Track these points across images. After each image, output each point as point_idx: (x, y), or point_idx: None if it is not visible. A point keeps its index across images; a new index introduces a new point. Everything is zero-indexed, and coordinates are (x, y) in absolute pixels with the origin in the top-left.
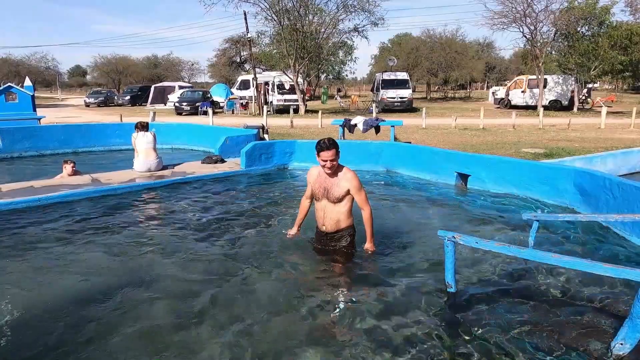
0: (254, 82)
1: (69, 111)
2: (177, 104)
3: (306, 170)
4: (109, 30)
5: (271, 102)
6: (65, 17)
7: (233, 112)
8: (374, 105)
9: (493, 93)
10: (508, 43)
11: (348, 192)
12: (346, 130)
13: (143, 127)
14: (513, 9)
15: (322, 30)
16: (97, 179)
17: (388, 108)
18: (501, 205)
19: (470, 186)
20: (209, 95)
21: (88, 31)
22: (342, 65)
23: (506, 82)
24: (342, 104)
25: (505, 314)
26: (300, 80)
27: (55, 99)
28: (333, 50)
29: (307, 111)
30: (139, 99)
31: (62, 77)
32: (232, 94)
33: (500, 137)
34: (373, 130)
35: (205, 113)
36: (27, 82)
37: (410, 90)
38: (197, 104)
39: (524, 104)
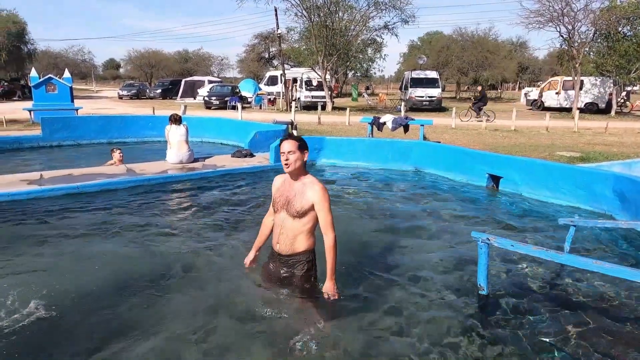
0: (282, 78)
1: (103, 103)
2: (206, 98)
3: (333, 167)
4: (143, 25)
5: (298, 98)
6: (102, 12)
7: (261, 108)
8: (402, 103)
9: (525, 94)
10: (543, 43)
11: (312, 208)
12: (375, 129)
13: (176, 120)
14: (550, 8)
15: (352, 27)
16: (131, 169)
17: (416, 107)
18: (534, 209)
19: (502, 188)
20: (237, 90)
21: (123, 26)
22: (370, 63)
23: (539, 83)
24: (369, 102)
25: (538, 321)
26: (328, 77)
27: (90, 91)
28: (362, 47)
29: (334, 108)
30: (169, 92)
31: (97, 70)
32: (260, 89)
33: (533, 140)
34: (402, 128)
35: (234, 108)
36: (66, 74)
37: (439, 90)
38: (226, 99)
39: (558, 106)
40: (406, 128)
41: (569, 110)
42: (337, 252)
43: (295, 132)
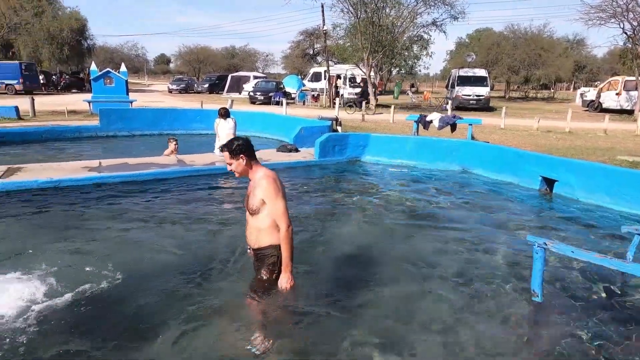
0: (326, 75)
1: (154, 96)
2: (251, 93)
3: (378, 165)
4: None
5: (342, 95)
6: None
7: (304, 104)
8: (449, 102)
9: (581, 94)
10: (604, 40)
11: (264, 203)
12: (420, 127)
13: (225, 114)
14: (613, 3)
15: (399, 23)
16: (182, 160)
17: (462, 106)
18: (591, 215)
19: (557, 192)
20: (281, 86)
21: (174, 22)
22: (415, 60)
23: (597, 83)
24: (413, 100)
25: (595, 333)
26: (372, 74)
27: (142, 85)
28: (408, 44)
29: (377, 105)
30: (216, 87)
31: (148, 65)
32: (303, 85)
33: (591, 142)
34: (449, 127)
35: (278, 103)
36: (123, 68)
37: (488, 88)
38: (270, 94)
39: (618, 107)
40: (453, 127)
41: (630, 112)
42: (292, 242)
43: (339, 129)
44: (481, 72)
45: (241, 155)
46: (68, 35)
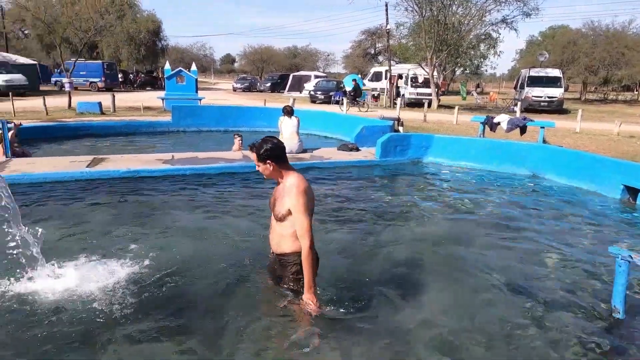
0: (387, 74)
1: (219, 94)
2: (312, 92)
3: (441, 166)
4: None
5: (403, 94)
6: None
7: (364, 104)
8: (518, 104)
9: None
10: None
11: (290, 213)
12: (487, 129)
13: (289, 112)
14: None
15: (466, 21)
16: (247, 156)
17: (532, 107)
18: None
19: None
20: (342, 86)
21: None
22: (482, 60)
23: None
24: (478, 101)
25: None
26: (435, 73)
27: (208, 83)
28: (475, 43)
29: (439, 106)
30: (278, 86)
31: (215, 64)
32: (364, 85)
33: None
34: (517, 130)
35: (338, 102)
36: (193, 67)
37: (561, 90)
38: (331, 93)
39: None
40: (523, 130)
41: None
42: (313, 262)
43: (401, 129)
44: (554, 72)
45: (268, 161)
46: (145, 37)
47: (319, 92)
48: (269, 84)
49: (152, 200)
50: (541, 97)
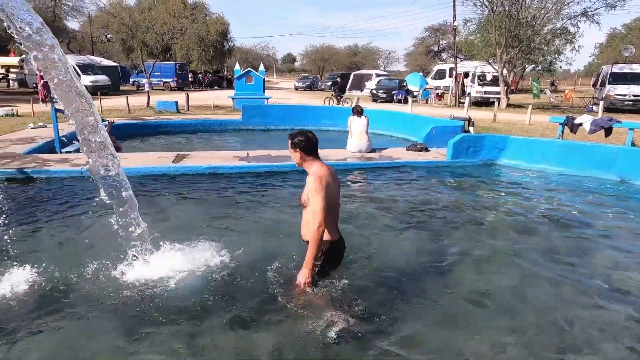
0: (453, 72)
1: (281, 93)
2: (373, 91)
3: (516, 169)
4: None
5: (469, 93)
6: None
7: (427, 102)
8: (600, 103)
9: None
10: None
11: (309, 199)
12: (566, 130)
13: (358, 111)
14: None
15: (541, 15)
16: None
17: (614, 107)
18: None
19: None
20: (404, 84)
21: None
22: (556, 56)
23: None
24: (552, 99)
25: None
26: (505, 71)
27: (271, 82)
28: (550, 38)
29: (508, 105)
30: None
31: (277, 64)
32: (427, 83)
33: None
34: (602, 132)
35: (400, 101)
36: (261, 67)
37: None
38: (393, 92)
39: None
40: (608, 131)
41: None
42: (319, 241)
43: (471, 130)
44: None
45: (297, 149)
46: (214, 38)
47: (380, 91)
48: (329, 83)
49: (231, 195)
50: (626, 95)
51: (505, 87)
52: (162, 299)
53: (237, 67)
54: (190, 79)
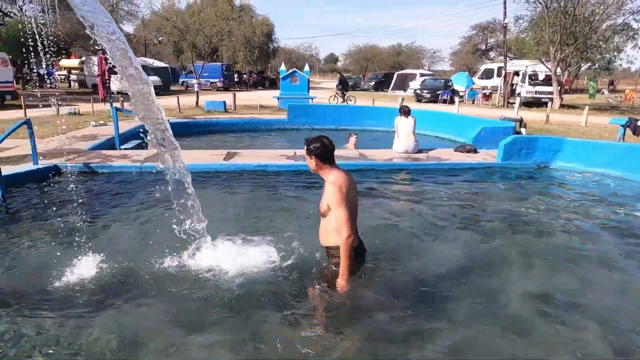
0: (502, 71)
1: (323, 93)
2: (417, 91)
3: (572, 173)
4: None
5: (519, 93)
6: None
7: (473, 102)
8: None
9: None
10: None
11: (329, 208)
12: (628, 132)
13: (406, 112)
14: None
15: (600, 11)
16: (363, 154)
17: None
18: None
19: None
20: (450, 84)
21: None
22: (615, 53)
23: None
24: (610, 100)
25: None
26: (558, 70)
27: (313, 82)
28: (609, 34)
29: (562, 105)
30: (382, 85)
31: (319, 64)
32: (473, 83)
33: None
34: None
35: (446, 102)
36: (306, 67)
37: None
38: (438, 92)
39: None
40: None
41: None
42: (350, 252)
43: (523, 131)
44: None
45: (313, 156)
46: (259, 39)
47: (425, 91)
48: (372, 83)
49: (279, 192)
50: None
51: (559, 87)
52: (218, 290)
53: (282, 67)
54: (235, 79)
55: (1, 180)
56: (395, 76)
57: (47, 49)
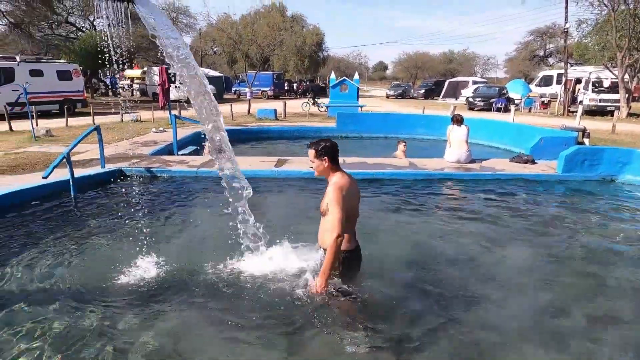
0: (562, 79)
1: (373, 101)
2: (470, 99)
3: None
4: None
5: (581, 101)
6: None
7: (530, 111)
8: None
9: None
10: None
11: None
12: None
13: (459, 120)
14: None
15: None
16: (413, 163)
17: None
18: None
19: None
20: (504, 92)
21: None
22: None
23: None
24: None
25: None
26: (626, 77)
27: (362, 90)
28: None
29: (630, 114)
30: (432, 92)
31: (368, 72)
32: (530, 90)
33: None
34: None
35: (500, 110)
36: (356, 76)
37: None
38: (492, 100)
39: None
40: None
41: None
42: (336, 252)
43: (587, 142)
44: None
45: (325, 157)
46: (310, 48)
47: (478, 99)
48: (422, 91)
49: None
50: None
51: (627, 95)
52: (268, 294)
53: (332, 75)
54: (286, 88)
55: (74, 182)
56: (446, 84)
57: (120, 60)
